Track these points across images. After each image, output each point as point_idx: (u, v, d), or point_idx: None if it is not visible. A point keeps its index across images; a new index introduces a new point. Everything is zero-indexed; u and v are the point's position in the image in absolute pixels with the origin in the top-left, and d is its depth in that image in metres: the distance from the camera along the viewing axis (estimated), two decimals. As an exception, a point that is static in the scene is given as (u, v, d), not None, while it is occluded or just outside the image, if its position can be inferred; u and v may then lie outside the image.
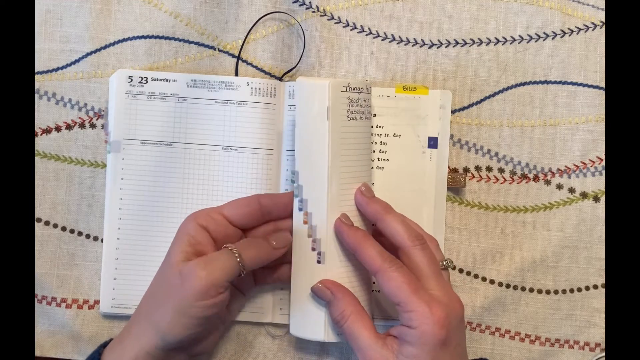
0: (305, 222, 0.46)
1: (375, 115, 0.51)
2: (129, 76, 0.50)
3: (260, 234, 0.48)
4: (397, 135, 0.51)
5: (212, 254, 0.44)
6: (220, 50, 0.52)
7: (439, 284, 0.43)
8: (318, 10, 0.52)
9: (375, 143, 0.51)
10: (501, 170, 0.53)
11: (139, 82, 0.50)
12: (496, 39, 0.53)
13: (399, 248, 0.44)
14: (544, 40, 0.53)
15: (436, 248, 0.46)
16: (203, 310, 0.42)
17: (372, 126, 0.51)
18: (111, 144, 0.50)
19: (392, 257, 0.44)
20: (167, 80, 0.50)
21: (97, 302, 0.51)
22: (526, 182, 0.53)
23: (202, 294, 0.42)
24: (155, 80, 0.50)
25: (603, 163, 0.53)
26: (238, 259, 0.43)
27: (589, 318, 0.53)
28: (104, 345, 0.45)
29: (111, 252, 0.50)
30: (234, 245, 0.44)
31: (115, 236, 0.50)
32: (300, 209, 0.46)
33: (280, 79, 0.52)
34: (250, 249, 0.45)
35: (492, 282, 0.53)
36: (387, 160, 0.51)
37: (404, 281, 0.42)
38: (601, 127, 0.52)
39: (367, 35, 0.52)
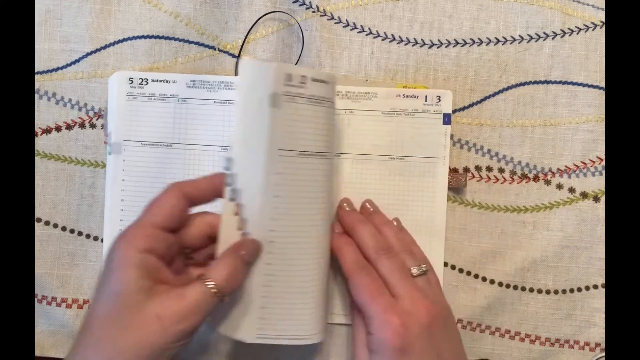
0: (236, 214, 0.44)
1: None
2: (130, 78, 0.50)
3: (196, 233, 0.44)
4: None
5: (190, 295, 0.39)
6: (220, 50, 0.52)
7: (406, 291, 0.44)
8: (318, 10, 0.52)
9: None
10: (501, 170, 0.53)
11: (140, 84, 0.50)
12: (496, 39, 0.53)
13: (368, 260, 0.46)
14: (544, 40, 0.53)
15: (411, 255, 0.47)
16: (181, 347, 0.39)
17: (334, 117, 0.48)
18: (112, 146, 0.50)
19: (365, 265, 0.46)
20: (167, 81, 0.50)
21: (97, 302, 0.51)
22: (526, 182, 0.53)
23: (184, 337, 0.39)
24: (156, 81, 0.50)
25: (603, 163, 0.53)
26: (215, 291, 0.40)
27: (589, 318, 0.53)
28: None
29: None
30: (207, 272, 0.41)
31: None
32: (232, 199, 0.44)
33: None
34: (225, 277, 0.41)
35: (492, 282, 0.53)
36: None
37: (367, 287, 0.44)
38: (601, 127, 0.52)
39: (367, 35, 0.52)
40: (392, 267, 0.45)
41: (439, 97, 0.51)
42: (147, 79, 0.50)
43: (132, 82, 0.50)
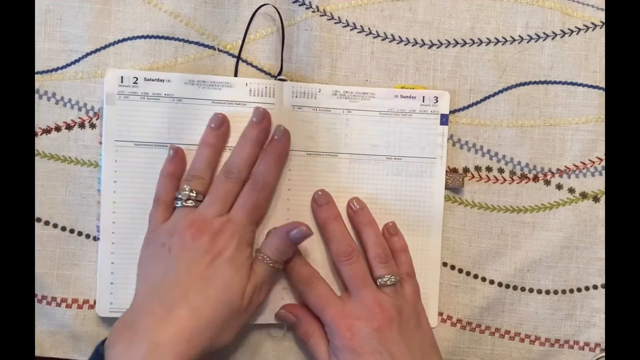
0: (99, 202, 0.50)
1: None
2: (121, 76, 0.50)
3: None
4: None
5: (256, 274, 0.47)
6: (220, 50, 0.52)
7: (359, 297, 0.47)
8: (318, 10, 0.52)
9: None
10: (501, 171, 0.53)
11: (133, 83, 0.50)
12: (496, 39, 0.53)
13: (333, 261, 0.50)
14: (544, 40, 0.53)
15: (386, 263, 0.49)
16: (250, 319, 0.48)
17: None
18: (104, 146, 0.50)
19: (315, 276, 0.49)
20: (160, 81, 0.50)
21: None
22: (526, 182, 0.53)
23: (255, 309, 0.48)
24: (149, 80, 0.50)
25: (603, 163, 0.53)
26: (272, 265, 0.47)
27: (589, 318, 0.53)
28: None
29: (107, 255, 0.50)
30: (261, 248, 0.48)
31: (110, 240, 0.50)
32: (98, 190, 0.51)
33: (275, 78, 0.52)
34: (274, 251, 0.47)
35: (491, 282, 0.53)
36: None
37: (317, 297, 0.48)
38: (601, 127, 0.52)
39: (367, 35, 0.52)
40: (351, 273, 0.48)
41: (437, 97, 0.51)
42: (139, 78, 0.50)
43: (123, 81, 0.50)
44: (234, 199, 0.47)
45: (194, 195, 0.47)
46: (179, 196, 0.47)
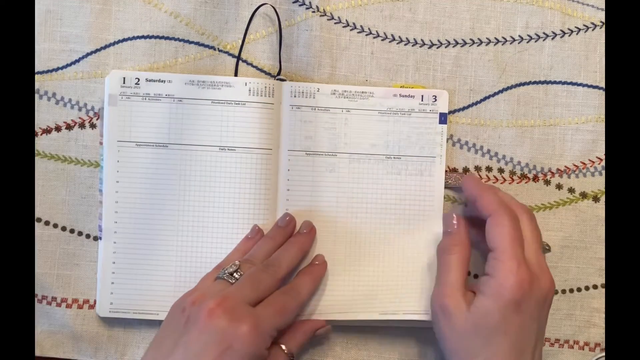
0: (100, 202, 0.51)
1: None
2: (123, 77, 0.50)
3: None
4: None
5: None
6: (220, 50, 0.52)
7: (538, 255, 0.45)
8: (318, 10, 0.52)
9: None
10: (501, 170, 0.53)
11: (135, 84, 0.50)
12: (496, 39, 0.53)
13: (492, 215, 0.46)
14: (543, 40, 0.53)
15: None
16: None
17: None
18: (106, 146, 0.50)
19: (511, 209, 0.46)
20: (162, 81, 0.50)
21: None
22: (526, 182, 0.53)
23: None
24: (150, 81, 0.50)
25: (603, 163, 0.53)
26: (290, 356, 0.46)
27: (589, 318, 0.53)
28: None
29: (108, 255, 0.50)
30: (285, 341, 0.46)
31: (112, 240, 0.50)
32: (100, 190, 0.51)
33: (275, 77, 0.52)
34: (297, 346, 0.47)
35: (492, 282, 0.53)
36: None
37: (510, 232, 0.44)
38: (601, 127, 0.52)
39: (367, 35, 0.52)
40: (533, 230, 0.46)
41: (435, 96, 0.51)
42: (140, 79, 0.50)
43: (125, 82, 0.50)
44: (266, 292, 0.45)
45: (238, 275, 0.45)
46: (225, 270, 0.46)
